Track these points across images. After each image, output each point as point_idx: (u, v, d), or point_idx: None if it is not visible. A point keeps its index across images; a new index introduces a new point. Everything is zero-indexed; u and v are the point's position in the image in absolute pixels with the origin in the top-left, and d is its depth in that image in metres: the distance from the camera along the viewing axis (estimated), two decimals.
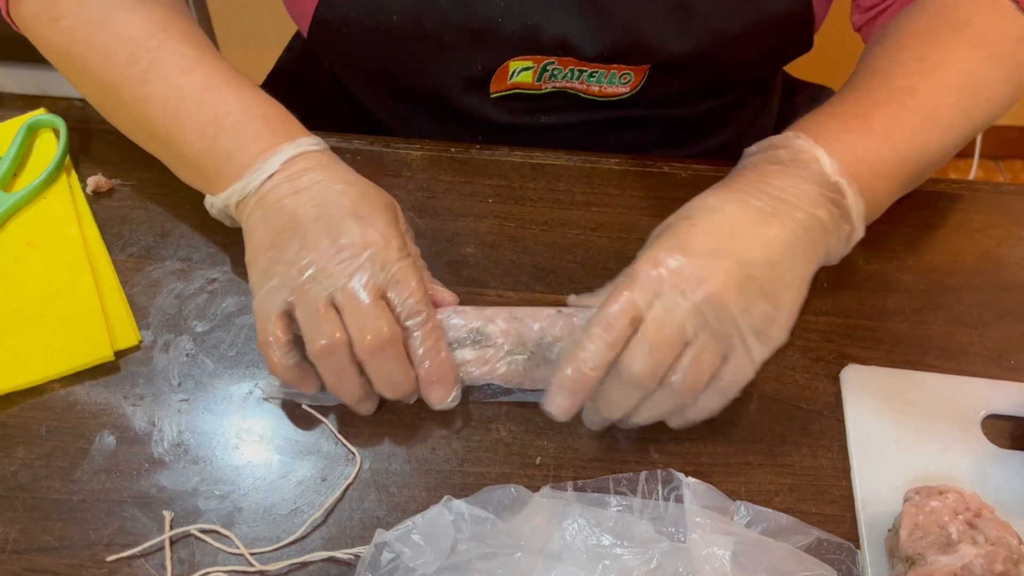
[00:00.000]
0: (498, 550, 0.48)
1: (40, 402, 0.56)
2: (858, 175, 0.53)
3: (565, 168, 0.70)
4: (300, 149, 0.56)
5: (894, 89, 0.58)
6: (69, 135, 0.68)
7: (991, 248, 0.66)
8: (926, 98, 0.58)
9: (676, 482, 0.52)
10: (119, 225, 0.64)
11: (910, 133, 0.57)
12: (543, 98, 0.71)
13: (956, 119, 0.59)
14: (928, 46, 0.60)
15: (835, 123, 0.56)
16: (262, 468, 0.54)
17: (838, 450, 0.55)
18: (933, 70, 0.59)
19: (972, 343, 0.60)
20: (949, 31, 0.60)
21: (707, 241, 0.50)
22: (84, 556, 0.50)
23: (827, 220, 0.52)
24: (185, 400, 0.56)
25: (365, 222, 0.53)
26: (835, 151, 0.53)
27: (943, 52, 0.59)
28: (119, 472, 0.53)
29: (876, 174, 0.55)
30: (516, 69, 0.67)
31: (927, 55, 0.59)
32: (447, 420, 0.56)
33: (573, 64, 0.67)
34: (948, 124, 0.59)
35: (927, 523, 0.48)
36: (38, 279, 0.61)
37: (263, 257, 0.54)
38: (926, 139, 0.57)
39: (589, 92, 0.70)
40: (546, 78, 0.68)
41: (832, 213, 0.53)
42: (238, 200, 0.56)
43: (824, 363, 0.59)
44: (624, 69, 0.68)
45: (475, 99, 0.70)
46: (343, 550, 0.50)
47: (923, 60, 0.59)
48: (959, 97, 0.59)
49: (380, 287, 0.52)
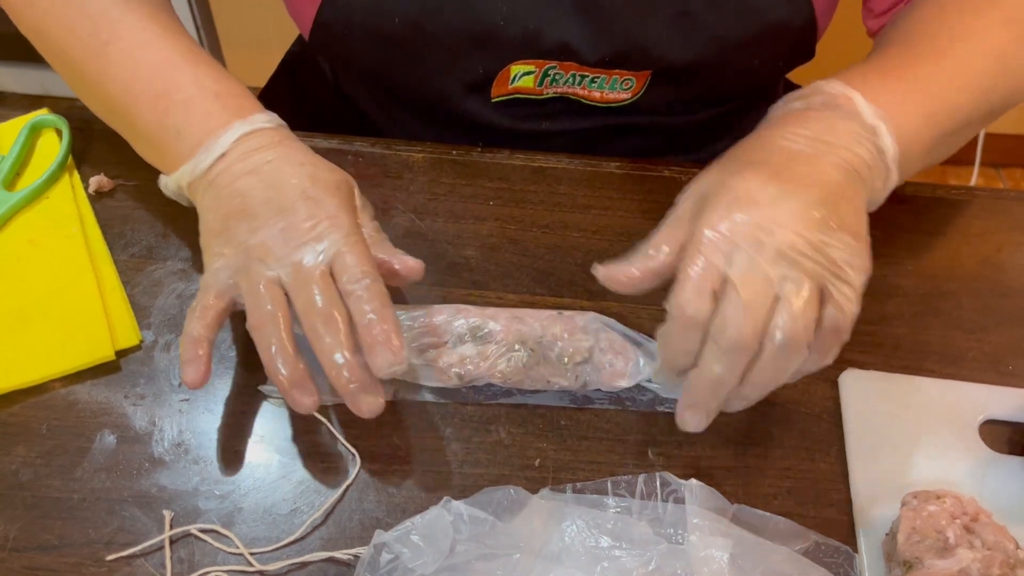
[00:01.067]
0: (497, 551, 0.48)
1: (41, 401, 0.56)
2: (895, 120, 0.53)
3: (566, 171, 0.70)
4: (252, 127, 0.55)
5: (925, 51, 0.58)
6: (72, 135, 0.68)
7: (990, 254, 0.66)
8: (957, 61, 0.57)
9: (674, 485, 0.52)
10: (121, 225, 0.65)
11: (942, 90, 0.56)
12: (544, 103, 0.71)
13: (984, 86, 0.58)
14: (959, 19, 0.59)
15: (874, 71, 0.55)
16: (262, 468, 0.54)
17: (836, 454, 0.55)
18: (963, 39, 0.58)
19: (971, 348, 0.61)
20: (986, 4, 0.60)
21: (764, 191, 0.48)
22: (84, 555, 0.50)
23: (868, 159, 0.51)
24: (186, 400, 0.56)
25: (314, 202, 0.52)
26: (871, 95, 0.53)
27: (975, 24, 0.59)
28: (119, 471, 0.53)
29: (910, 125, 0.54)
30: (517, 73, 0.68)
31: (958, 25, 0.59)
32: (446, 422, 0.56)
33: (575, 69, 0.67)
34: (978, 89, 0.58)
35: (924, 527, 0.48)
36: (40, 278, 0.61)
37: (215, 240, 0.53)
38: (957, 100, 0.57)
39: (591, 98, 0.70)
40: (547, 83, 0.69)
41: (871, 152, 0.52)
42: (189, 181, 0.56)
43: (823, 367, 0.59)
44: (626, 75, 0.68)
45: (476, 103, 0.70)
46: (342, 550, 0.50)
47: (953, 30, 0.59)
48: (989, 65, 0.58)
49: (326, 263, 0.51)
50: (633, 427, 0.56)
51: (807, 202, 0.48)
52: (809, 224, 0.47)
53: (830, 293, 0.47)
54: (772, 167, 0.49)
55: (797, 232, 0.47)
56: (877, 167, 0.52)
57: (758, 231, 0.47)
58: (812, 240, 0.47)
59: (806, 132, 0.51)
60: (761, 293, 0.46)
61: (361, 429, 0.55)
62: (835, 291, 0.47)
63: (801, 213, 0.47)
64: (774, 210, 0.47)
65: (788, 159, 0.50)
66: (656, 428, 0.56)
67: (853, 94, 0.53)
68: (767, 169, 0.49)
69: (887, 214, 0.68)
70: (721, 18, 0.63)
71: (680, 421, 0.51)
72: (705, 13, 0.63)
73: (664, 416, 0.57)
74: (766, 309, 0.46)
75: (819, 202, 0.48)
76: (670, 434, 0.56)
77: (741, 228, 0.47)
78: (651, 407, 0.57)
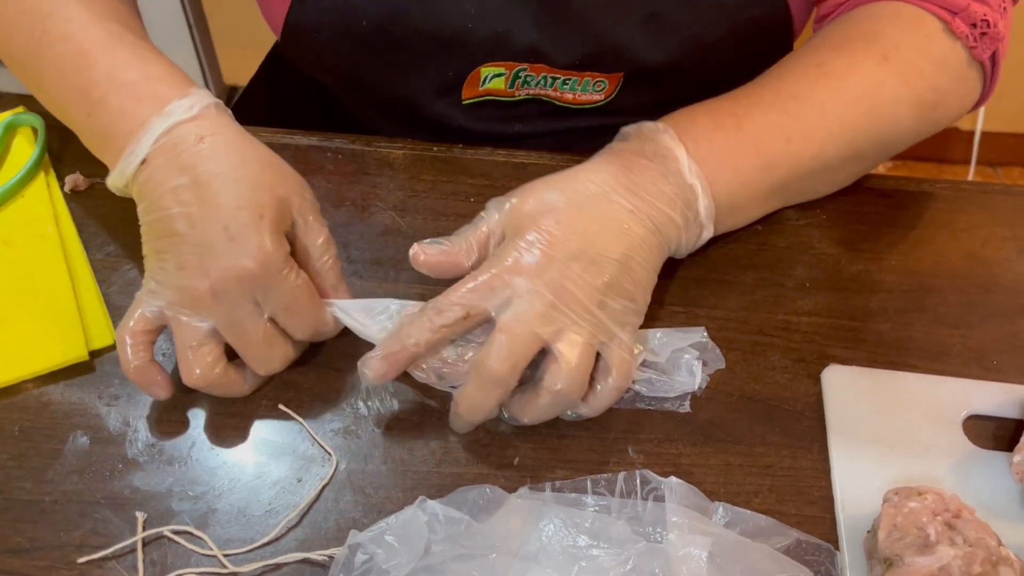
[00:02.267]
0: (473, 551, 0.48)
1: (13, 402, 0.55)
2: (717, 177, 0.55)
3: (547, 168, 0.69)
4: (170, 121, 0.52)
5: (782, 93, 0.58)
6: (48, 134, 0.67)
7: (975, 249, 0.66)
8: (812, 104, 0.58)
9: (655, 482, 0.51)
10: (96, 224, 0.64)
11: (784, 139, 0.57)
12: (517, 105, 0.70)
13: (843, 129, 0.58)
14: (835, 53, 0.60)
15: (708, 120, 0.56)
16: (237, 469, 0.53)
17: (818, 451, 0.55)
18: (830, 77, 0.58)
19: (955, 343, 0.60)
20: (863, 42, 0.60)
21: (570, 243, 0.51)
22: (55, 557, 0.50)
23: (680, 221, 0.55)
24: (160, 401, 0.56)
25: (237, 243, 0.50)
26: (698, 151, 0.54)
27: (848, 61, 0.59)
28: (92, 473, 0.53)
29: (738, 178, 0.56)
30: (488, 75, 0.67)
31: (829, 62, 0.59)
32: (425, 420, 0.55)
33: (546, 71, 0.66)
34: (832, 133, 0.58)
35: (905, 524, 0.47)
36: (13, 278, 0.60)
37: (150, 258, 0.53)
38: (802, 147, 0.57)
39: (563, 99, 0.69)
40: (519, 85, 0.68)
41: (686, 215, 0.55)
42: (123, 186, 0.55)
43: (805, 363, 0.59)
44: (598, 77, 0.67)
45: (447, 106, 0.70)
46: (317, 551, 0.50)
47: (822, 66, 0.59)
48: (852, 107, 0.58)
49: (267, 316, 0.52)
50: (613, 425, 0.55)
51: (602, 262, 0.51)
52: (596, 287, 0.51)
53: (606, 354, 0.52)
54: (583, 218, 0.52)
55: (584, 293, 0.50)
56: (688, 226, 0.55)
57: (545, 287, 0.50)
58: (593, 304, 0.51)
59: (630, 186, 0.53)
60: (524, 340, 0.50)
61: (337, 429, 0.55)
62: (610, 352, 0.52)
63: (593, 274, 0.51)
64: (568, 268, 0.50)
65: (601, 214, 0.52)
66: (636, 425, 0.56)
67: (679, 151, 0.55)
68: (578, 219, 0.52)
69: (871, 209, 0.68)
70: (693, 18, 0.63)
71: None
72: (676, 13, 0.62)
73: (645, 414, 0.56)
74: (529, 352, 0.50)
75: (614, 261, 0.51)
76: (651, 431, 0.55)
77: (531, 276, 0.50)
78: (631, 404, 0.56)
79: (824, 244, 0.65)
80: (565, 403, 0.52)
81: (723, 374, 0.58)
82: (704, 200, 0.55)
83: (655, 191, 0.54)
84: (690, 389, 0.57)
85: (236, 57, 1.80)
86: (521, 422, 0.54)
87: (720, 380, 0.58)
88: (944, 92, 0.61)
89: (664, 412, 0.56)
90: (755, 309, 0.61)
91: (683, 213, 0.55)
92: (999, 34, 0.60)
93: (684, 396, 0.57)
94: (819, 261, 0.64)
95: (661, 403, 0.56)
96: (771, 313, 0.61)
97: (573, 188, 0.53)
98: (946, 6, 0.60)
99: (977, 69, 0.62)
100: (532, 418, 0.53)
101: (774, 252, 0.65)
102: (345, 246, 0.63)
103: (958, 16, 0.59)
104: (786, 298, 0.62)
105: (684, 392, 0.57)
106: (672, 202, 0.54)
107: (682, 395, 0.57)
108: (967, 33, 0.60)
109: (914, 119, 0.61)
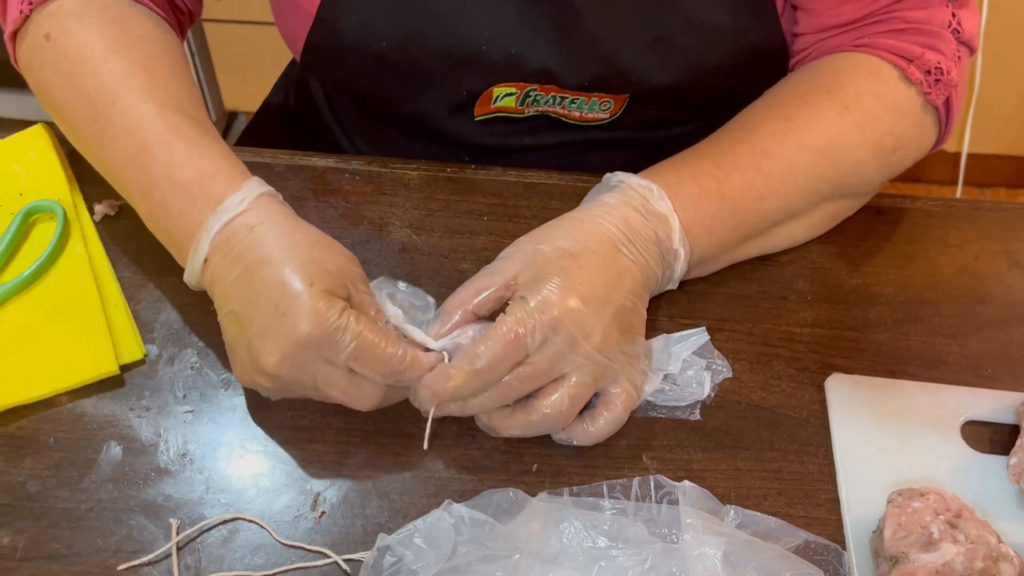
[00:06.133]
0: (497, 553, 0.50)
1: (48, 414, 0.57)
2: (697, 243, 0.61)
3: (557, 187, 0.72)
4: (224, 218, 0.54)
5: (756, 150, 0.63)
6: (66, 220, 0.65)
7: (968, 263, 0.69)
8: (782, 161, 0.63)
9: (668, 487, 0.54)
10: (124, 243, 0.66)
11: (756, 199, 0.62)
12: (526, 121, 0.73)
13: (807, 181, 0.64)
14: (800, 107, 0.64)
15: (694, 186, 0.61)
16: (265, 476, 0.55)
17: (824, 456, 0.57)
18: (796, 132, 0.63)
19: (951, 353, 0.63)
20: (826, 94, 0.64)
21: (596, 287, 0.55)
22: (92, 563, 0.51)
23: (659, 275, 0.60)
24: (190, 411, 0.58)
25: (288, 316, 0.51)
26: (684, 218, 0.60)
27: (812, 114, 0.64)
28: (126, 481, 0.54)
29: (713, 240, 0.62)
30: (500, 95, 0.70)
31: (796, 115, 0.64)
32: (445, 429, 0.58)
33: (555, 91, 0.69)
34: (798, 186, 0.63)
35: (909, 523, 0.50)
36: (45, 296, 0.62)
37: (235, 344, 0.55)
38: (770, 204, 0.63)
39: (571, 117, 0.72)
40: (529, 103, 0.71)
41: (665, 272, 0.61)
42: (195, 284, 0.57)
43: (809, 373, 0.61)
44: (604, 97, 0.70)
45: (460, 122, 0.72)
46: (345, 555, 0.52)
47: (790, 120, 0.64)
48: (816, 159, 0.63)
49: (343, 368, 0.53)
50: (627, 432, 0.58)
51: (619, 307, 0.56)
52: (612, 336, 0.55)
53: (613, 388, 0.56)
54: (600, 267, 0.56)
55: (601, 339, 0.55)
56: (662, 281, 0.61)
57: (572, 331, 0.54)
58: (609, 349, 0.55)
59: (632, 238, 0.58)
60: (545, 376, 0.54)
61: (362, 438, 0.57)
62: (621, 385, 0.56)
63: (609, 324, 0.55)
64: (589, 317, 0.54)
65: (615, 260, 0.57)
66: (649, 433, 0.58)
67: (674, 220, 0.60)
68: (597, 267, 0.56)
69: (868, 226, 0.71)
70: (696, 43, 0.66)
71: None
72: (681, 38, 0.65)
73: (657, 421, 0.58)
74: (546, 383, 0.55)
75: (628, 308, 0.57)
76: (663, 439, 0.57)
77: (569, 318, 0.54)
78: (644, 413, 0.59)
79: (824, 259, 0.68)
80: (549, 428, 0.56)
81: (731, 383, 0.60)
82: (682, 264, 0.61)
83: (648, 248, 0.59)
84: (700, 398, 0.59)
85: (238, 84, 1.83)
86: (498, 434, 0.56)
87: (728, 389, 0.60)
88: (901, 136, 0.65)
89: (675, 420, 0.58)
90: (760, 321, 0.64)
91: (664, 270, 0.60)
92: (953, 81, 0.64)
93: (694, 405, 0.59)
94: (819, 275, 0.67)
95: (672, 412, 0.59)
96: (775, 325, 0.64)
97: (587, 240, 0.57)
98: (902, 54, 0.64)
99: (932, 114, 0.66)
100: (512, 432, 0.56)
101: (776, 267, 0.67)
102: (365, 263, 0.64)
103: (913, 63, 0.64)
104: (789, 310, 0.65)
105: (694, 401, 0.59)
106: (658, 260, 0.60)
107: (692, 404, 0.59)
108: (921, 79, 0.64)
109: (874, 162, 0.65)
